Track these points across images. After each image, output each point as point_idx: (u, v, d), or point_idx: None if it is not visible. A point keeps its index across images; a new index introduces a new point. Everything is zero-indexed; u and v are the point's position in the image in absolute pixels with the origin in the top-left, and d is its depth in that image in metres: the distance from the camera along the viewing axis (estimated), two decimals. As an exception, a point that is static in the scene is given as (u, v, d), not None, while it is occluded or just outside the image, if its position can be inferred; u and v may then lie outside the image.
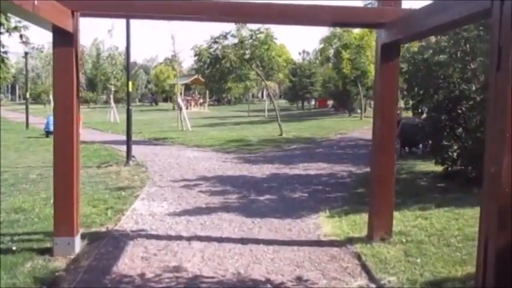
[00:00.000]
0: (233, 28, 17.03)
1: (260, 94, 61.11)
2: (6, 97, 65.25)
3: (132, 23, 11.55)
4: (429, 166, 9.89)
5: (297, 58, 47.05)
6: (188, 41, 43.23)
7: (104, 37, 56.83)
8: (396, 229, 5.46)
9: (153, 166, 10.90)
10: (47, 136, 16.30)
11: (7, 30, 8.96)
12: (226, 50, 16.98)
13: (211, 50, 17.34)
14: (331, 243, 5.37)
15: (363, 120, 24.80)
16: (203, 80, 23.18)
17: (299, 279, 4.37)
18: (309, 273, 4.49)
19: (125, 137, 11.64)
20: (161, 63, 59.22)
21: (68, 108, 4.89)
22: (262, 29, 16.78)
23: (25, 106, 24.27)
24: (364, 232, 5.54)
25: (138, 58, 71.53)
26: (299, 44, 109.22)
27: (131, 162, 11.07)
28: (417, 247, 4.99)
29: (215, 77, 17.71)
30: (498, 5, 2.60)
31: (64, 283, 4.24)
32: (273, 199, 7.71)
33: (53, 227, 4.97)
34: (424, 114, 9.32)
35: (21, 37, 8.88)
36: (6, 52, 13.91)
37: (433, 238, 5.27)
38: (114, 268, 4.57)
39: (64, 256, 4.80)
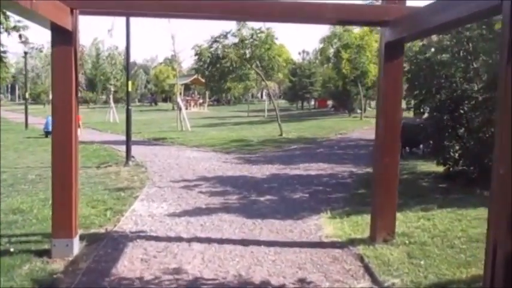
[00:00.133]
0: (234, 27, 17.01)
1: (260, 94, 61.02)
2: (5, 97, 65.15)
3: (132, 23, 11.49)
4: (430, 166, 9.82)
5: (297, 58, 47.07)
6: (188, 41, 43.23)
7: (104, 37, 56.83)
8: (399, 230, 5.40)
9: (153, 166, 10.83)
10: (46, 136, 16.23)
11: (6, 29, 8.87)
12: (226, 50, 16.90)
13: (211, 50, 17.27)
14: (333, 244, 5.31)
15: (363, 120, 24.75)
16: (203, 80, 23.09)
17: (301, 281, 4.30)
18: (311, 275, 4.43)
19: (125, 137, 11.57)
20: (161, 63, 59.13)
21: (67, 108, 4.82)
22: (263, 29, 16.74)
23: (24, 106, 24.18)
24: (366, 233, 5.47)
25: (138, 58, 71.50)
26: (299, 44, 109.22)
27: (131, 162, 11.00)
28: (420, 249, 4.92)
29: (215, 77, 17.63)
30: (509, 1, 2.53)
31: (62, 286, 4.17)
32: (274, 200, 7.64)
33: (51, 229, 4.90)
34: (426, 114, 9.25)
35: (20, 37, 8.80)
36: (5, 52, 13.85)
37: (437, 239, 5.20)
38: (113, 270, 4.50)
39: (62, 258, 4.73)
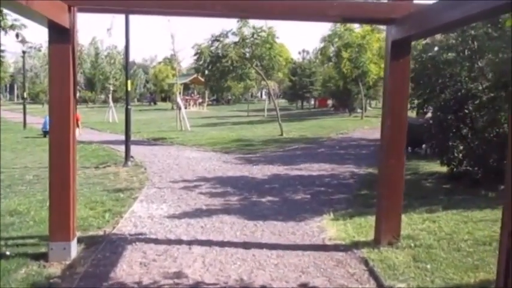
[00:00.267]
0: (234, 26, 16.88)
1: (259, 94, 60.91)
2: (4, 97, 64.96)
3: (131, 22, 11.36)
4: (433, 167, 9.72)
5: (297, 57, 46.97)
6: (187, 40, 43.10)
7: (103, 36, 56.74)
8: (404, 233, 5.28)
9: (152, 167, 10.71)
10: (45, 136, 16.09)
11: (3, 28, 8.74)
12: (227, 49, 16.78)
13: (212, 49, 17.14)
14: (336, 247, 5.20)
15: (364, 119, 24.65)
16: (202, 80, 22.96)
17: (304, 286, 4.20)
18: (315, 279, 4.32)
19: (124, 137, 11.44)
20: (160, 62, 58.95)
21: (65, 107, 4.70)
22: (264, 28, 16.61)
23: (22, 106, 24.05)
24: (370, 236, 5.36)
25: (137, 57, 71.39)
26: (299, 43, 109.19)
27: (130, 162, 10.89)
28: (426, 252, 4.81)
29: (215, 76, 17.51)
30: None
31: (59, 291, 4.05)
32: (275, 201, 7.53)
33: (48, 232, 4.78)
34: (429, 113, 9.14)
35: (17, 36, 8.65)
36: (3, 51, 13.70)
37: (443, 242, 5.08)
38: (111, 274, 4.39)
39: (59, 262, 4.62)
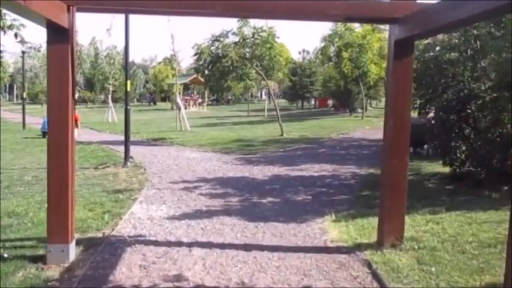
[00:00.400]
0: (235, 26, 16.80)
1: (259, 93, 60.85)
2: (4, 97, 64.88)
3: (131, 23, 11.28)
4: (435, 167, 9.65)
5: (297, 57, 46.92)
6: (187, 40, 43.00)
7: (103, 36, 56.68)
8: (407, 234, 5.21)
9: (152, 167, 10.64)
10: (44, 136, 16.02)
11: (2, 28, 8.64)
12: (227, 49, 16.70)
13: (212, 49, 17.07)
14: (338, 249, 5.12)
15: (365, 119, 24.60)
16: (202, 80, 22.88)
17: (307, 289, 4.12)
18: (317, 282, 4.25)
19: (123, 138, 11.37)
20: (160, 62, 58.89)
21: (63, 107, 4.64)
22: (265, 28, 16.54)
23: (22, 106, 23.97)
24: (373, 238, 5.28)
25: (137, 58, 71.37)
26: (299, 43, 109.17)
27: (129, 163, 10.82)
28: (430, 254, 4.73)
29: (215, 76, 17.43)
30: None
31: (57, 294, 3.98)
32: (276, 202, 7.46)
33: (46, 234, 4.71)
34: (431, 114, 9.07)
35: (16, 36, 8.55)
36: (1, 51, 13.60)
37: (447, 244, 5.00)
38: (110, 277, 4.32)
39: (58, 264, 4.55)
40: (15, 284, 4.08)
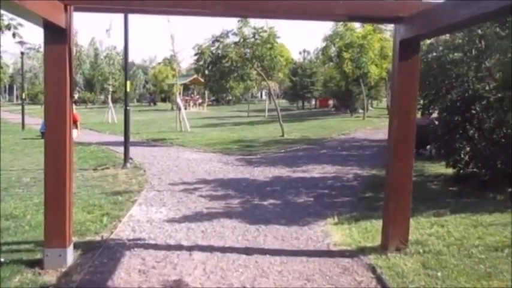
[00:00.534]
0: (235, 26, 16.70)
1: (259, 94, 60.76)
2: (3, 98, 64.79)
3: (131, 23, 11.17)
4: (439, 168, 9.55)
5: (298, 57, 46.83)
6: (187, 41, 42.92)
7: (102, 37, 56.60)
8: (412, 238, 5.09)
9: (152, 169, 10.54)
10: (43, 137, 15.88)
11: (0, 28, 8.57)
12: (227, 49, 16.60)
13: (212, 49, 16.97)
14: (342, 253, 5.02)
15: (366, 120, 24.50)
16: (202, 80, 22.79)
17: (310, 295, 4.02)
18: (321, 288, 4.14)
19: (123, 138, 11.27)
20: (160, 63, 58.81)
21: (60, 109, 4.53)
22: (265, 28, 16.44)
23: (21, 107, 23.88)
24: (377, 241, 5.18)
25: (137, 58, 71.29)
26: (299, 44, 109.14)
27: (129, 164, 10.72)
28: (436, 258, 4.63)
29: (216, 76, 17.33)
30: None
31: (54, 301, 3.88)
32: (277, 204, 7.36)
33: (44, 238, 4.60)
34: (434, 114, 8.97)
35: (13, 36, 8.48)
36: (0, 52, 13.51)
37: (453, 248, 4.90)
38: (109, 283, 4.21)
39: (55, 269, 4.44)
40: (11, 290, 3.99)
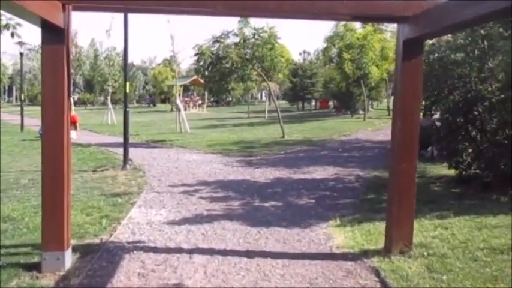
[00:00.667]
0: (235, 27, 16.63)
1: (259, 95, 60.72)
2: (3, 99, 64.72)
3: (131, 24, 11.11)
4: (440, 169, 9.48)
5: (298, 58, 46.80)
6: (187, 41, 42.94)
7: (102, 38, 56.51)
8: (415, 240, 5.01)
9: (151, 170, 10.46)
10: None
11: (-2, 28, 8.49)
12: (228, 50, 16.52)
13: (212, 49, 16.88)
14: (345, 256, 4.93)
15: (366, 121, 24.43)
16: (202, 81, 22.71)
17: (313, 299, 3.94)
18: (324, 292, 4.06)
19: (122, 140, 11.19)
20: (159, 64, 58.77)
21: (58, 110, 4.45)
22: (265, 28, 16.36)
23: (20, 108, 23.81)
24: (380, 244, 5.10)
25: (136, 59, 71.14)
26: (299, 45, 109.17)
27: (128, 166, 10.64)
28: (441, 261, 4.55)
29: (216, 77, 17.24)
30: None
31: (51, 305, 3.80)
32: (279, 206, 7.28)
33: (41, 241, 4.52)
34: (436, 115, 8.90)
35: (12, 35, 8.39)
36: (-1, 52, 13.44)
37: (457, 251, 4.82)
38: (107, 286, 4.13)
39: (53, 273, 4.36)
40: (7, 294, 3.91)
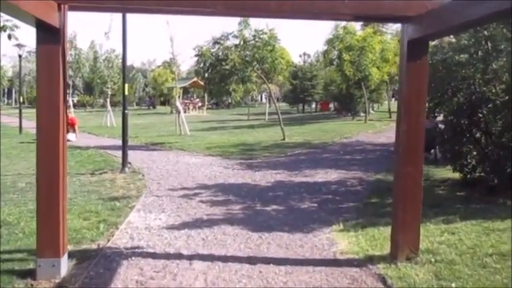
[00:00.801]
0: (235, 29, 16.51)
1: (259, 97, 60.60)
2: (2, 101, 64.59)
3: (129, 25, 10.94)
4: (444, 172, 9.34)
5: (298, 61, 46.71)
6: (186, 43, 42.72)
7: (102, 40, 56.35)
8: (422, 246, 4.87)
9: (150, 173, 10.31)
10: (41, 141, 15.68)
11: (-6, 29, 8.36)
12: (228, 51, 16.40)
13: (212, 51, 16.77)
14: (349, 262, 4.79)
15: (367, 123, 24.30)
16: (202, 83, 22.59)
17: (318, 308, 3.80)
18: (329, 300, 3.92)
19: (121, 142, 11.05)
20: (159, 66, 58.68)
21: (54, 112, 4.32)
22: (266, 30, 16.24)
23: (19, 110, 23.68)
24: (385, 249, 4.96)
25: (136, 61, 71.11)
26: (299, 47, 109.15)
27: (127, 169, 10.49)
28: (449, 268, 4.40)
29: (216, 79, 17.11)
30: None
31: (46, 315, 3.66)
32: (280, 210, 7.14)
33: (36, 248, 4.38)
34: (439, 117, 8.77)
35: (9, 37, 8.27)
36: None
37: (465, 257, 4.67)
38: (104, 295, 4.00)
39: (48, 280, 4.23)
40: (0, 303, 3.77)
